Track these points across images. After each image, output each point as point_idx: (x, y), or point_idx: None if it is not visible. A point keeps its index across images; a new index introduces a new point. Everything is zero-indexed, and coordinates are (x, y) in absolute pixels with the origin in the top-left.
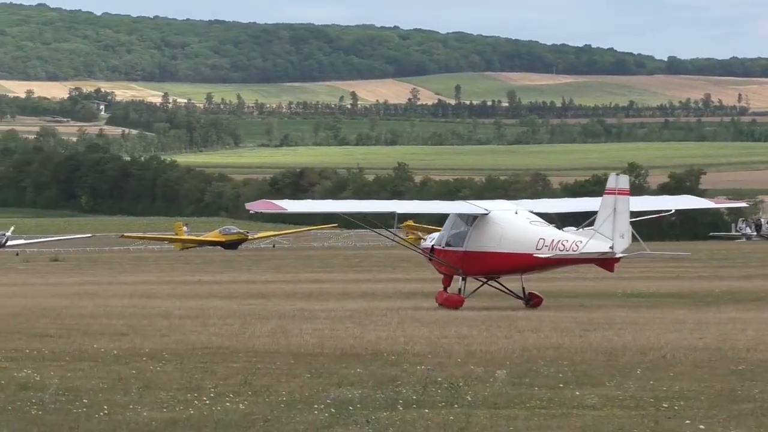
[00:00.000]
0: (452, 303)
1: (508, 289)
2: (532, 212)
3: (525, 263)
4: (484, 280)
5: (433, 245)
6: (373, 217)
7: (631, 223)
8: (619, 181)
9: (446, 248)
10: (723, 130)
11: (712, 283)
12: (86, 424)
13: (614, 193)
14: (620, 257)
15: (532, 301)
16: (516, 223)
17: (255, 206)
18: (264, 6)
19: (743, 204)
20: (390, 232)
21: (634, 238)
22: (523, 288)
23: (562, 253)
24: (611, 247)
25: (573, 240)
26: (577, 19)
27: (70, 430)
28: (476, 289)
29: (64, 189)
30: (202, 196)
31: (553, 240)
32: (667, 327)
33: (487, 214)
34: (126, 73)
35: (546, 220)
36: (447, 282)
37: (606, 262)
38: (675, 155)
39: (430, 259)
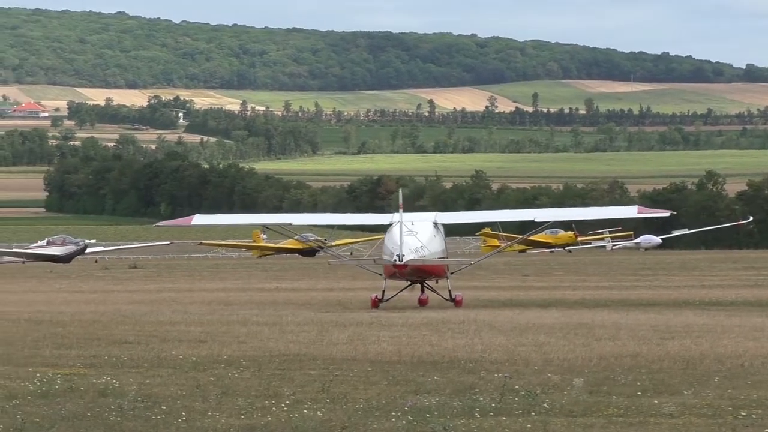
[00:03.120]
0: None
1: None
2: (436, 224)
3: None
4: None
5: None
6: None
7: (708, 232)
8: (400, 196)
9: None
10: None
11: None
12: (165, 431)
13: (400, 207)
14: (406, 264)
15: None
16: (394, 233)
17: (167, 222)
18: (342, 14)
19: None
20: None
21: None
22: (450, 290)
23: (385, 260)
24: (398, 255)
25: (396, 251)
26: (655, 27)
27: None
28: (399, 292)
29: (143, 196)
30: (281, 204)
31: (395, 249)
32: (746, 335)
33: (390, 225)
34: (204, 80)
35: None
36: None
37: (398, 268)
38: (753, 163)
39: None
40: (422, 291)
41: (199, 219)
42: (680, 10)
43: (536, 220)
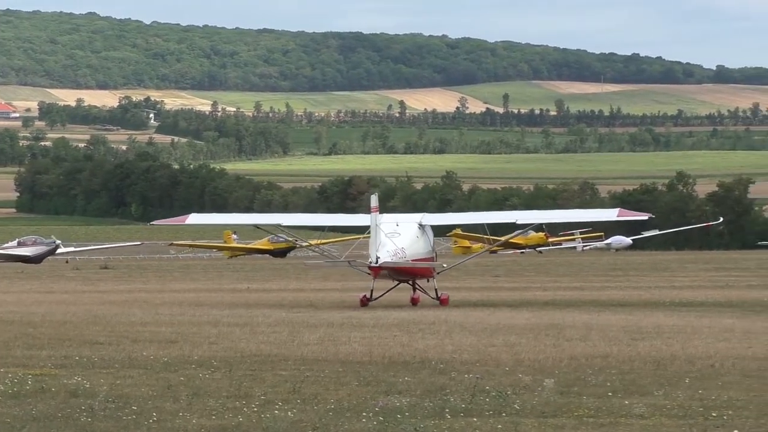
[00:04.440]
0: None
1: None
2: (420, 224)
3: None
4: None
5: None
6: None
7: (679, 233)
8: (373, 200)
9: None
10: None
11: (761, 293)
12: None
13: (374, 211)
14: (380, 265)
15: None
16: (377, 233)
17: (161, 221)
18: (313, 15)
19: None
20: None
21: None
22: (436, 289)
23: (359, 262)
24: (374, 258)
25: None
26: (626, 28)
27: None
28: (386, 292)
29: (114, 197)
30: (251, 205)
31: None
32: (716, 336)
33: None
34: (175, 81)
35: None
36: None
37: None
38: (723, 164)
39: None
40: (414, 290)
41: (194, 218)
42: (651, 12)
43: (518, 222)
